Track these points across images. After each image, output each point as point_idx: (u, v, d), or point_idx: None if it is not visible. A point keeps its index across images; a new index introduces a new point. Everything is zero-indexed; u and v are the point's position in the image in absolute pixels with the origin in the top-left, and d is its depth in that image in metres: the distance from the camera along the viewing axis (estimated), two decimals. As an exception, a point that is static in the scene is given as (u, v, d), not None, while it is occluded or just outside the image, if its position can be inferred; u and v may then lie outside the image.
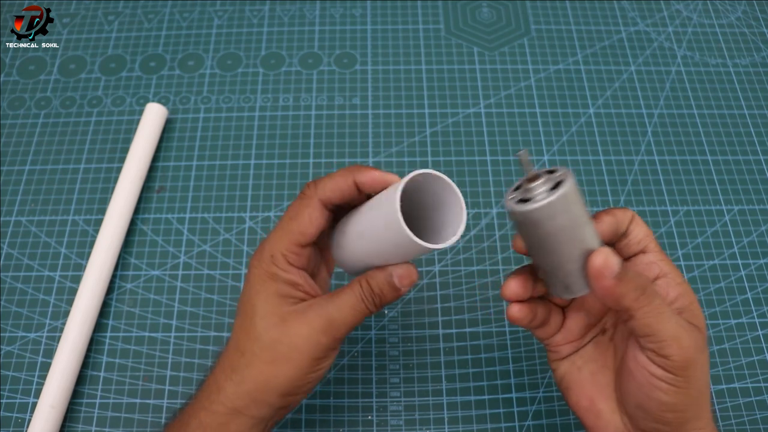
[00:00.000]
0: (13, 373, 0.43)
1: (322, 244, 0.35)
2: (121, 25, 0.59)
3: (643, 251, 0.31)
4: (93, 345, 0.44)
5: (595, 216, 0.31)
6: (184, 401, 0.39)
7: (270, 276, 0.31)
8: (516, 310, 0.31)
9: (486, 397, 0.42)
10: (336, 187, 0.31)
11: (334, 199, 0.31)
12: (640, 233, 0.31)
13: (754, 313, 0.45)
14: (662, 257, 0.31)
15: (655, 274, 0.31)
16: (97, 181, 0.50)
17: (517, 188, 0.29)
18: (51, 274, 0.46)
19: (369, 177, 0.31)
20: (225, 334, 0.44)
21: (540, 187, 0.27)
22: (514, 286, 0.31)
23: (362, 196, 0.32)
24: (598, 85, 0.55)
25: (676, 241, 0.48)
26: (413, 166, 0.51)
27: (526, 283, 0.31)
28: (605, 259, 0.27)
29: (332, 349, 0.32)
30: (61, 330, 0.44)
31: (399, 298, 0.33)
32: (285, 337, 0.31)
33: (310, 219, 0.31)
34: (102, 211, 0.49)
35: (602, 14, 0.60)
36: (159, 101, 0.54)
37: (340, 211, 0.33)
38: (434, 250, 0.28)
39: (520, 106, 0.54)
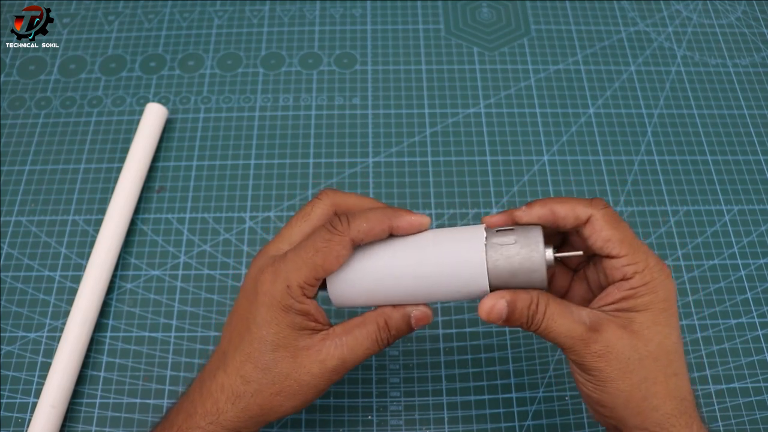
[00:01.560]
0: (13, 373, 0.43)
1: None
2: (121, 25, 0.59)
3: (608, 256, 0.30)
4: (93, 345, 0.44)
5: (534, 203, 0.31)
6: (172, 401, 0.39)
7: (284, 308, 0.30)
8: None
9: (486, 397, 0.42)
10: (371, 231, 0.30)
11: (365, 241, 0.31)
12: (599, 238, 0.30)
13: (754, 313, 0.45)
14: (632, 260, 0.29)
15: (618, 279, 0.30)
16: (97, 181, 0.50)
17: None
18: (51, 274, 0.46)
19: (407, 222, 0.31)
20: (225, 334, 0.44)
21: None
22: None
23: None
24: (598, 85, 0.55)
25: (676, 241, 0.48)
26: (413, 166, 0.51)
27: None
28: (489, 310, 0.30)
29: (336, 381, 0.32)
30: (61, 330, 0.44)
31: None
32: (295, 373, 0.30)
33: (338, 257, 0.30)
34: (102, 211, 0.49)
35: (602, 14, 0.60)
36: (159, 101, 0.54)
37: None
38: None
39: (520, 106, 0.54)
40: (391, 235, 0.32)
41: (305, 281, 0.30)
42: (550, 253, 0.30)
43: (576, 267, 0.34)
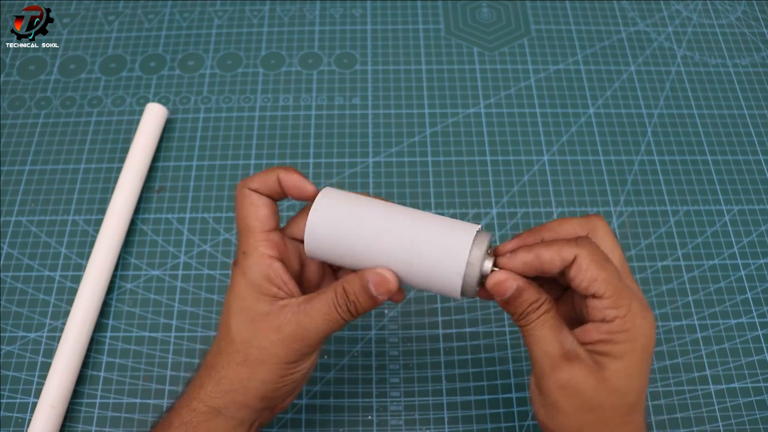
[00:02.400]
0: (13, 373, 0.43)
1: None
2: (121, 25, 0.59)
3: (592, 296, 0.29)
4: (93, 345, 0.44)
5: (519, 251, 0.30)
6: (171, 401, 0.39)
7: (241, 271, 0.31)
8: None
9: (486, 397, 0.42)
10: (262, 181, 0.32)
11: (261, 191, 0.32)
12: (583, 280, 0.29)
13: (754, 313, 0.45)
14: (614, 303, 0.28)
15: (598, 319, 0.29)
16: (97, 181, 0.50)
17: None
18: (51, 274, 0.46)
19: (290, 180, 0.32)
20: (225, 334, 0.44)
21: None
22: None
23: (283, 195, 0.32)
24: (598, 85, 0.55)
25: (676, 241, 0.48)
26: (413, 166, 0.51)
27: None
28: (497, 284, 0.30)
29: (307, 354, 0.31)
30: (61, 330, 0.44)
31: (376, 307, 0.32)
32: (255, 340, 0.31)
33: (253, 207, 0.32)
34: (102, 211, 0.49)
35: (602, 14, 0.60)
36: (159, 101, 0.54)
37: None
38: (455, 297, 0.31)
39: (520, 106, 0.54)
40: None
41: (254, 241, 0.31)
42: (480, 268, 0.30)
43: (567, 286, 0.34)
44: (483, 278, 0.31)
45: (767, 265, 0.47)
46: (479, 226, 0.31)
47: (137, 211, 0.49)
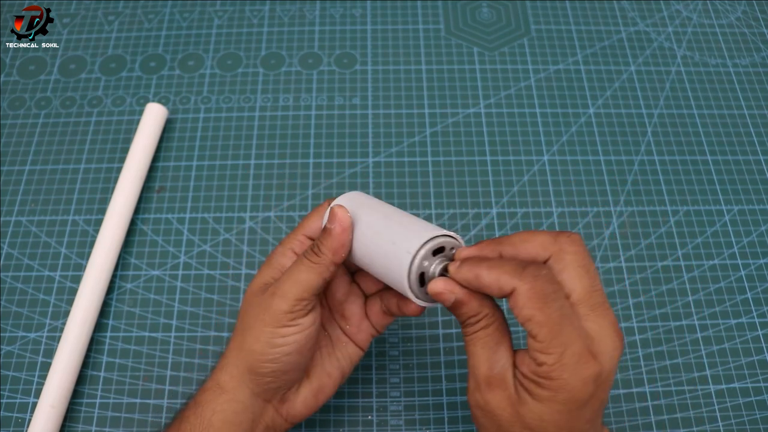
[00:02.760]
0: (13, 373, 0.43)
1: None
2: (121, 25, 0.59)
3: (528, 333, 0.27)
4: (93, 345, 0.44)
5: (465, 262, 0.29)
6: (184, 401, 0.40)
7: (267, 259, 0.35)
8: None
9: (486, 397, 0.42)
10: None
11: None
12: (520, 315, 0.27)
13: (754, 313, 0.45)
14: (545, 348, 0.26)
15: (531, 354, 0.28)
16: (97, 181, 0.50)
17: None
18: (51, 274, 0.46)
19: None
20: (225, 334, 0.44)
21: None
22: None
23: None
24: (598, 85, 0.55)
25: (676, 241, 0.48)
26: (413, 166, 0.51)
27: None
28: (438, 292, 0.30)
29: (286, 314, 0.31)
30: (61, 330, 0.44)
31: (340, 243, 0.32)
32: (249, 308, 0.33)
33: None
34: (102, 211, 0.49)
35: (602, 14, 0.60)
36: (159, 101, 0.54)
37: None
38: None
39: (520, 106, 0.54)
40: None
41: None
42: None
43: None
44: (425, 278, 0.31)
45: (767, 265, 0.47)
46: (445, 232, 0.31)
47: (137, 211, 0.49)
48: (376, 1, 0.60)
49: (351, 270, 0.37)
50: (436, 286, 0.30)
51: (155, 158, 0.51)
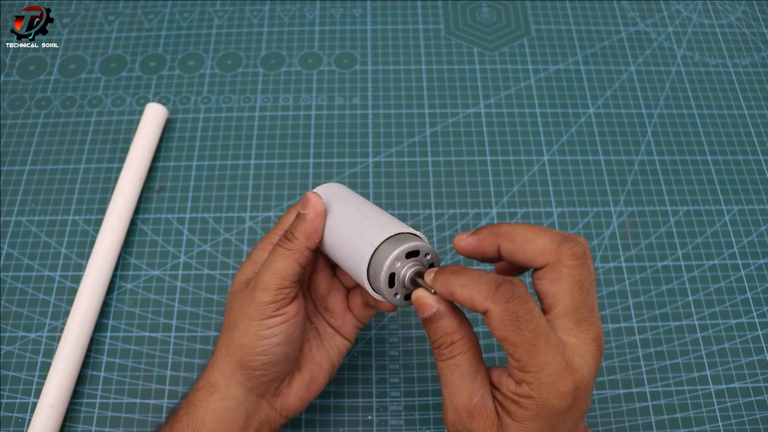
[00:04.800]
0: (13, 373, 0.43)
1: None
2: (121, 25, 0.59)
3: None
4: (93, 345, 0.44)
5: (442, 270, 0.29)
6: (177, 401, 0.40)
7: (249, 256, 0.35)
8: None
9: (486, 397, 0.42)
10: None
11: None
12: (496, 334, 0.27)
13: (754, 313, 0.45)
14: (522, 366, 0.26)
15: (510, 372, 0.28)
16: (97, 181, 0.50)
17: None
18: (51, 274, 0.46)
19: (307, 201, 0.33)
20: (225, 334, 0.44)
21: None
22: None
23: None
24: (598, 85, 0.55)
25: (676, 241, 0.48)
26: (413, 166, 0.51)
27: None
28: (418, 299, 0.29)
29: (269, 304, 0.31)
30: (61, 330, 0.44)
31: (313, 228, 0.32)
32: (233, 304, 0.33)
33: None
34: (102, 211, 0.49)
35: (602, 14, 0.60)
36: (159, 101, 0.54)
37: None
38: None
39: (520, 106, 0.54)
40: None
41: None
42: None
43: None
44: (396, 279, 0.31)
45: (767, 265, 0.47)
46: (411, 230, 0.31)
47: (137, 211, 0.49)
48: (376, 1, 0.60)
49: (332, 264, 0.38)
50: (421, 294, 0.29)
51: (155, 158, 0.51)
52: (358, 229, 0.31)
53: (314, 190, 0.35)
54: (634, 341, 0.44)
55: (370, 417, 0.41)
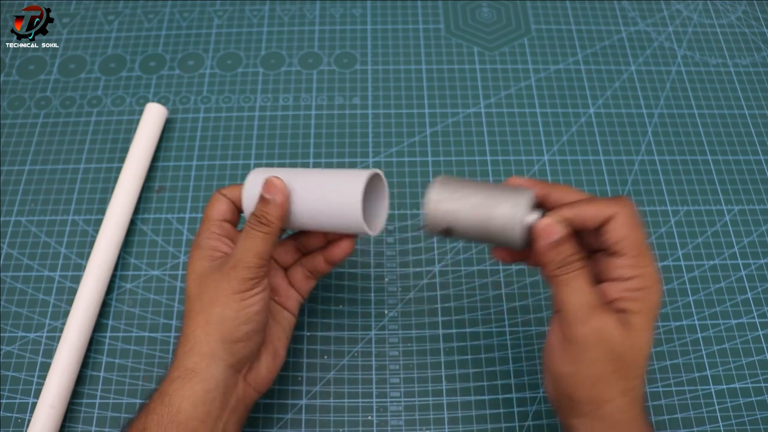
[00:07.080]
0: (13, 373, 0.43)
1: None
2: (121, 25, 0.59)
3: (616, 254, 0.32)
4: (93, 345, 0.44)
5: (564, 207, 0.32)
6: (146, 398, 0.40)
7: (196, 244, 0.37)
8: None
9: (486, 397, 0.42)
10: (232, 189, 0.38)
11: (227, 195, 0.38)
12: (614, 236, 0.31)
13: (754, 313, 0.45)
14: (635, 263, 0.31)
15: (614, 278, 0.32)
16: (97, 181, 0.50)
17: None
18: (51, 274, 0.46)
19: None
20: (225, 334, 0.44)
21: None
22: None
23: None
24: (598, 85, 0.55)
25: (676, 241, 0.48)
26: (413, 166, 0.51)
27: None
28: (546, 226, 0.32)
29: (249, 279, 0.34)
30: (61, 330, 0.44)
31: (285, 210, 0.36)
32: (205, 287, 0.35)
33: (216, 203, 0.38)
34: (102, 211, 0.49)
35: (602, 14, 0.60)
36: (159, 101, 0.54)
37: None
38: (367, 235, 0.37)
39: (520, 106, 0.54)
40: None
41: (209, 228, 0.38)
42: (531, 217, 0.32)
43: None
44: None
45: (767, 265, 0.47)
46: (376, 171, 0.36)
47: (137, 211, 0.49)
48: (376, 1, 0.60)
49: None
50: (547, 221, 0.32)
51: (155, 158, 0.51)
52: (333, 188, 0.35)
53: (249, 179, 0.37)
54: (634, 341, 0.44)
55: (370, 417, 0.41)
